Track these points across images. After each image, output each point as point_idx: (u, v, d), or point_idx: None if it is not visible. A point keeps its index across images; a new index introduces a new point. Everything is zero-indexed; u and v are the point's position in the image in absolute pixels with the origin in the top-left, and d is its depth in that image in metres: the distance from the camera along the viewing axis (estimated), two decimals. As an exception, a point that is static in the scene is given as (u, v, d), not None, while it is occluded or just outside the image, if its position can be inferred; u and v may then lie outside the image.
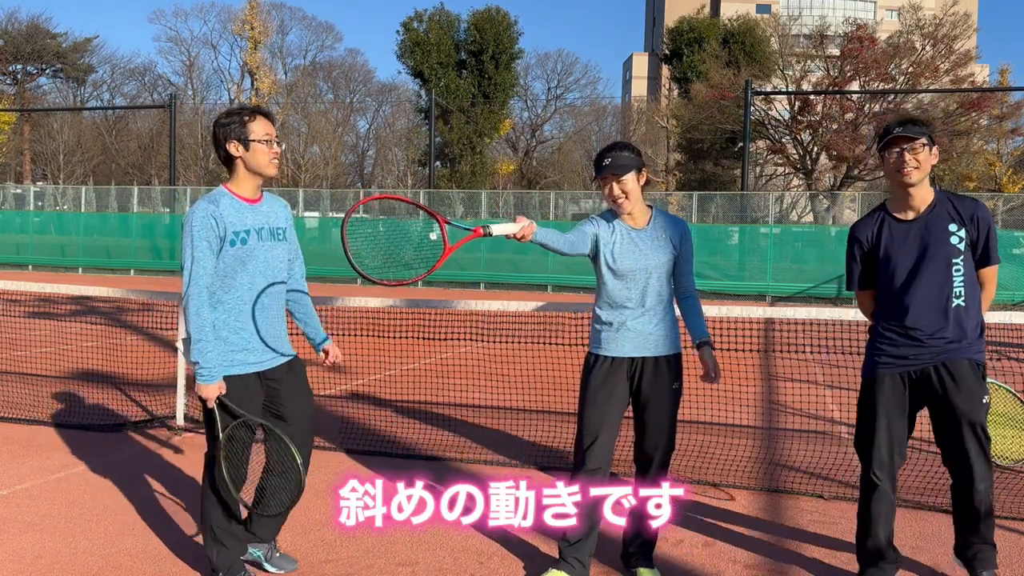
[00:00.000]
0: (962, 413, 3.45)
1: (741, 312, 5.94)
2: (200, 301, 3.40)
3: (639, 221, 3.68)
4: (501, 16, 41.68)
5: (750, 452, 6.03)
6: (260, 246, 3.51)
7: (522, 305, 5.90)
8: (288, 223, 3.71)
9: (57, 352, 9.74)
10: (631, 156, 3.61)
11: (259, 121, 3.49)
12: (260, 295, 3.53)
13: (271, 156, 3.52)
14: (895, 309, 3.55)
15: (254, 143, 3.47)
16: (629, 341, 3.63)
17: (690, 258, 3.75)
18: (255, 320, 3.52)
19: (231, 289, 3.47)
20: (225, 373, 3.46)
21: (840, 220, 32.86)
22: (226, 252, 3.43)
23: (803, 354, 8.71)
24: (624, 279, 3.63)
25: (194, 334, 3.40)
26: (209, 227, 3.39)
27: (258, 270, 3.51)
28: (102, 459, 5.57)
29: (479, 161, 42.14)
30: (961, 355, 3.46)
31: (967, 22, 35.43)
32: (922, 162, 3.44)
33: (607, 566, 3.94)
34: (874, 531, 3.63)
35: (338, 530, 4.33)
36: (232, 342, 3.48)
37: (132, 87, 64.46)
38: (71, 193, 35.00)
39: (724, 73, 35.93)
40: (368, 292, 23.33)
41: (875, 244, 3.60)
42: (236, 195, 3.51)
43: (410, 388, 8.25)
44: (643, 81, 75.20)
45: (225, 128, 3.47)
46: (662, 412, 3.68)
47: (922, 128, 3.47)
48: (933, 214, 3.49)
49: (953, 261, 3.44)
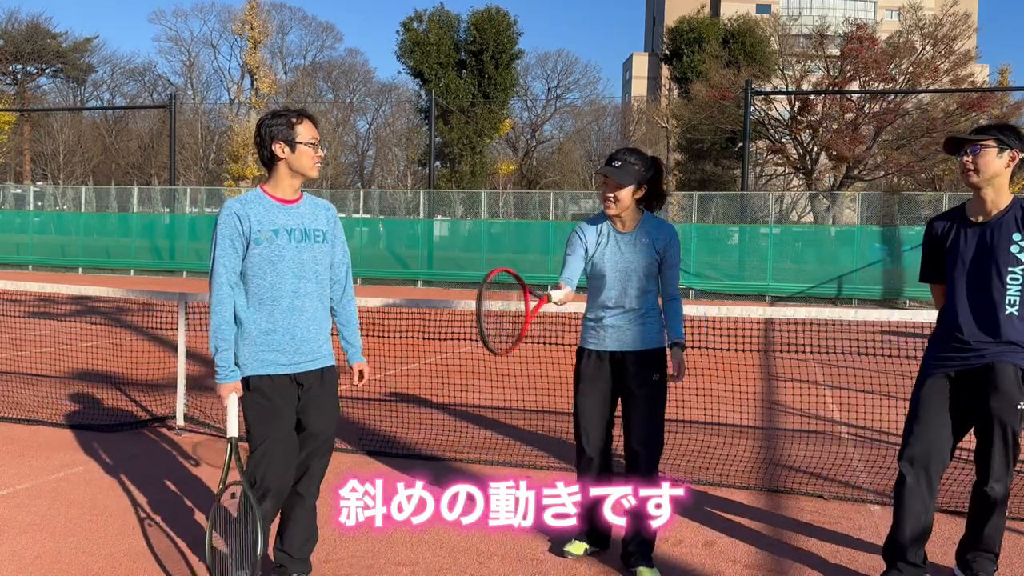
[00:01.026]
0: (996, 413, 3.49)
1: (741, 312, 5.94)
2: (219, 298, 3.38)
3: (627, 225, 3.85)
4: (501, 16, 41.65)
5: (750, 452, 6.02)
6: (291, 247, 3.44)
7: (522, 305, 5.89)
8: (331, 226, 3.61)
9: (57, 352, 9.74)
10: (638, 169, 3.74)
11: (306, 124, 3.47)
12: (292, 297, 3.46)
13: (316, 159, 3.50)
14: (949, 310, 3.63)
15: (300, 145, 3.45)
16: (610, 337, 3.84)
17: (676, 263, 3.88)
18: (286, 321, 3.46)
19: (261, 288, 3.43)
20: (257, 372, 3.42)
21: (840, 220, 32.87)
22: (252, 251, 3.40)
23: (803, 354, 8.71)
24: (605, 279, 3.83)
25: (212, 331, 3.39)
26: (233, 226, 3.38)
27: (289, 270, 3.45)
28: (102, 459, 5.57)
29: (479, 161, 42.12)
30: (1006, 359, 3.48)
31: (967, 22, 35.40)
32: (981, 166, 3.49)
33: (607, 566, 3.94)
34: (899, 526, 3.63)
35: (338, 530, 4.33)
36: (262, 342, 3.43)
37: (132, 87, 64.56)
38: (71, 193, 34.98)
39: (724, 73, 35.91)
40: (368, 292, 23.33)
41: (943, 240, 3.67)
42: (270, 195, 3.49)
43: (410, 388, 8.26)
44: (643, 81, 75.22)
45: (272, 129, 3.44)
46: (644, 405, 3.80)
47: (992, 132, 3.53)
48: (1001, 220, 3.52)
49: (1010, 269, 3.46)
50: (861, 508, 4.87)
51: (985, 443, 3.55)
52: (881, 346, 7.63)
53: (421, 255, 26.81)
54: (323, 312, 3.61)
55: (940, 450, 3.59)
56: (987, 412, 3.50)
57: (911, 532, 3.61)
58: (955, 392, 3.59)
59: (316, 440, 3.58)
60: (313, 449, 3.58)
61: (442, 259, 26.84)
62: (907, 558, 3.64)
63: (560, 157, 55.78)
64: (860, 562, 4.05)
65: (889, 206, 28.16)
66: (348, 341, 3.78)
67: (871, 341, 7.76)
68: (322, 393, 3.58)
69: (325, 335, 3.62)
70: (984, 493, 3.58)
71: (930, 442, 3.58)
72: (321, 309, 3.59)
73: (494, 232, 27.36)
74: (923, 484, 3.58)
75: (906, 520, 3.61)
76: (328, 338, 3.65)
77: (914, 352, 8.01)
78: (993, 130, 3.54)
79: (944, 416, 3.59)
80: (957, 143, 3.60)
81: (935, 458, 3.58)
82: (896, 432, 6.59)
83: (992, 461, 3.53)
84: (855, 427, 6.99)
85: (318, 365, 3.57)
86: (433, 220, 28.30)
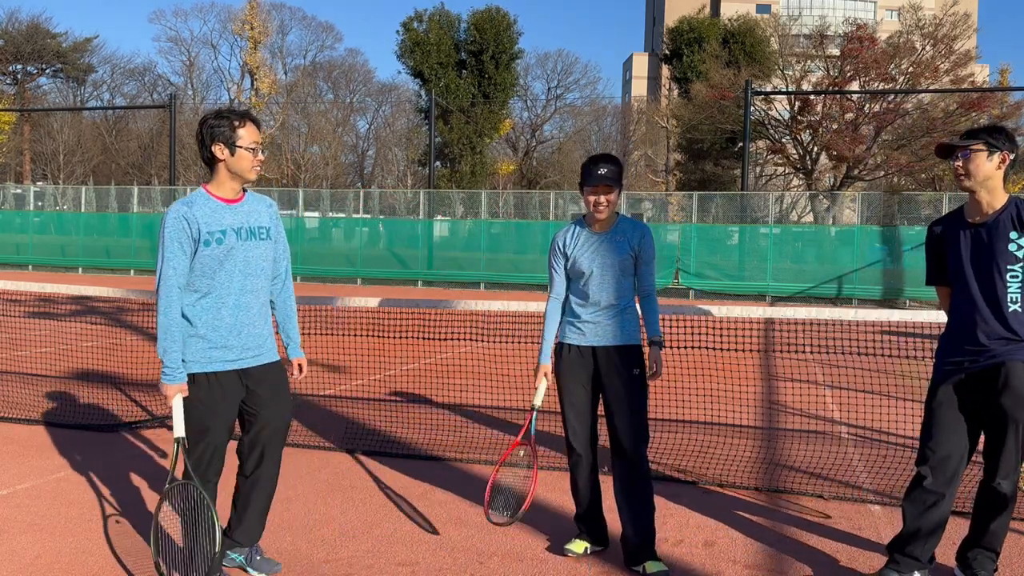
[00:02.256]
0: (1008, 410, 3.51)
1: (741, 312, 5.94)
2: (168, 300, 3.43)
3: (604, 226, 4.00)
4: (501, 16, 41.65)
5: (750, 452, 6.03)
6: (239, 245, 3.52)
7: (522, 305, 5.91)
8: (272, 222, 3.69)
9: (57, 352, 9.74)
10: (618, 171, 3.94)
11: (248, 127, 3.51)
12: (239, 294, 3.54)
13: (255, 163, 3.55)
14: (955, 311, 3.67)
15: (240, 149, 3.49)
16: (590, 332, 3.96)
17: (649, 260, 4.02)
18: (234, 318, 3.54)
19: (210, 288, 3.49)
20: (204, 370, 3.49)
21: (840, 220, 32.87)
22: (202, 252, 3.45)
23: (803, 354, 8.72)
24: (581, 278, 3.98)
25: (160, 333, 3.43)
26: (181, 228, 3.42)
27: (236, 268, 3.52)
28: (102, 459, 5.57)
29: (479, 161, 42.12)
30: (1017, 357, 3.51)
31: (967, 22, 35.39)
32: (972, 169, 3.54)
33: (608, 564, 3.94)
34: (908, 522, 3.68)
35: (338, 530, 4.33)
36: (211, 339, 3.50)
37: (132, 87, 64.50)
38: (71, 193, 34.98)
39: (724, 73, 35.90)
40: (368, 292, 23.33)
41: (944, 243, 3.73)
42: (214, 196, 3.54)
43: (410, 388, 8.26)
44: (643, 81, 75.24)
45: (213, 130, 3.48)
46: (623, 399, 3.89)
47: (981, 136, 3.57)
48: (997, 220, 3.57)
49: (1009, 268, 3.52)
50: (861, 508, 4.87)
51: (996, 440, 3.58)
52: (881, 346, 7.63)
53: (421, 255, 26.82)
54: (267, 308, 3.72)
55: (959, 456, 3.64)
56: (999, 410, 3.54)
57: (924, 526, 3.64)
58: (967, 393, 3.63)
59: (269, 430, 3.67)
60: (267, 440, 3.67)
61: (442, 259, 26.85)
62: (913, 553, 3.67)
63: (560, 157, 55.75)
64: (860, 562, 4.05)
65: (889, 206, 28.17)
66: (288, 335, 3.88)
67: (871, 341, 7.76)
68: (273, 384, 3.67)
69: (270, 330, 3.72)
70: (993, 489, 3.61)
71: (949, 449, 3.62)
72: (266, 305, 3.71)
73: (494, 232, 27.36)
74: (938, 488, 3.62)
75: (918, 515, 3.65)
76: (272, 332, 3.74)
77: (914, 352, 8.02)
78: (982, 133, 3.59)
79: (960, 422, 3.64)
80: (948, 148, 3.66)
81: (954, 461, 3.62)
82: (896, 432, 6.60)
83: (1002, 458, 3.56)
84: (855, 427, 6.99)
85: (265, 360, 3.66)
86: (433, 220, 28.31)
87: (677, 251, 24.27)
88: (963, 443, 3.63)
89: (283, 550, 4.05)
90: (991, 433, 3.61)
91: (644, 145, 50.35)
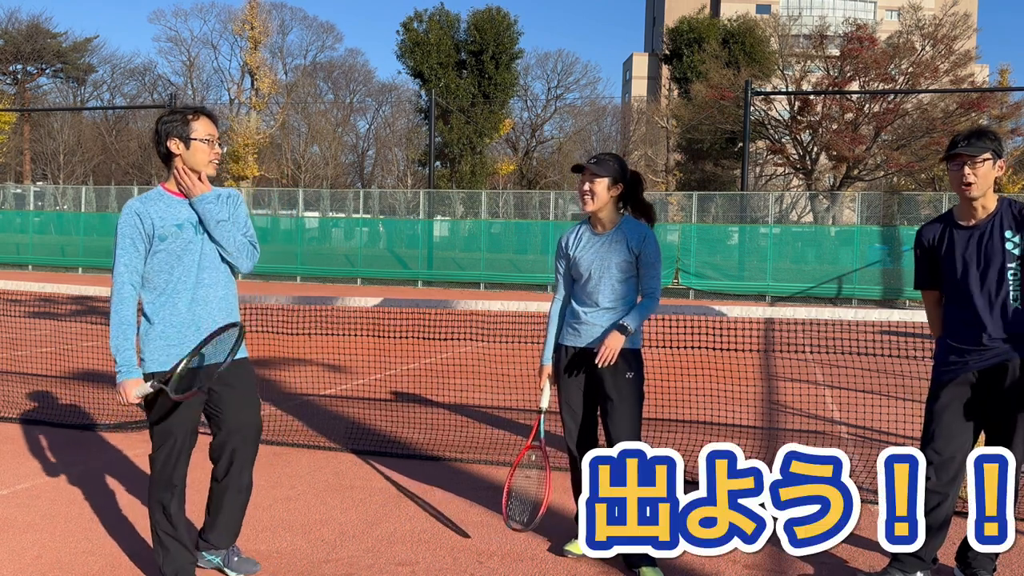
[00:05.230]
0: (1014, 407, 3.54)
1: (741, 312, 5.94)
2: (121, 297, 3.40)
3: (605, 227, 3.95)
4: (501, 16, 41.64)
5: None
6: (197, 238, 3.48)
7: (522, 305, 5.91)
8: (231, 211, 3.58)
9: (57, 352, 9.75)
10: (614, 165, 3.88)
11: (202, 121, 3.49)
12: (196, 287, 3.47)
13: (211, 156, 3.51)
14: (956, 313, 3.69)
15: (195, 142, 3.46)
16: (586, 333, 3.94)
17: (652, 262, 3.92)
18: (191, 313, 3.46)
19: (167, 283, 3.44)
20: (162, 368, 3.40)
21: (840, 220, 32.89)
22: (157, 248, 3.42)
23: (803, 354, 8.73)
24: (580, 279, 3.97)
25: (112, 330, 3.39)
26: (133, 225, 3.41)
27: (194, 262, 3.47)
28: (102, 459, 5.57)
29: (479, 161, 42.12)
30: (1021, 354, 3.55)
31: (967, 22, 35.40)
32: (981, 177, 3.58)
33: (608, 565, 3.94)
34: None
35: (338, 530, 4.33)
36: (168, 336, 3.44)
37: (132, 87, 64.47)
38: (71, 193, 34.98)
39: (724, 73, 35.89)
40: (368, 292, 23.34)
41: (937, 247, 3.75)
42: (171, 192, 3.51)
43: (410, 388, 8.26)
44: (643, 81, 75.23)
45: (167, 126, 3.46)
46: (618, 401, 3.87)
47: (986, 143, 3.59)
48: (991, 221, 3.63)
49: (1008, 266, 3.57)
50: (862, 508, 4.86)
51: (1001, 439, 3.59)
52: (881, 346, 7.63)
53: (421, 255, 26.82)
54: (231, 302, 3.60)
55: (962, 457, 3.63)
56: (1005, 407, 3.56)
57: (928, 526, 3.63)
58: (970, 394, 3.64)
59: (240, 432, 3.58)
60: (238, 441, 3.58)
61: (442, 259, 26.86)
62: (917, 553, 3.66)
63: (560, 157, 55.75)
64: (860, 562, 4.06)
65: (889, 206, 28.19)
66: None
67: (871, 341, 7.76)
68: (237, 383, 3.57)
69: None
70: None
71: (953, 451, 3.63)
72: (228, 299, 3.59)
73: (494, 232, 27.38)
74: (944, 485, 3.63)
75: (922, 516, 3.63)
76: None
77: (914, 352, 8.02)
78: (988, 142, 3.60)
79: (963, 424, 3.65)
80: (957, 155, 3.64)
81: (957, 462, 3.63)
82: (896, 432, 6.60)
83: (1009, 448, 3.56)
84: (855, 427, 6.99)
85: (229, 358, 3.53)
86: (433, 220, 28.32)
87: (677, 251, 24.28)
88: (966, 444, 3.65)
89: (283, 550, 4.05)
90: (996, 431, 3.63)
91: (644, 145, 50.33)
